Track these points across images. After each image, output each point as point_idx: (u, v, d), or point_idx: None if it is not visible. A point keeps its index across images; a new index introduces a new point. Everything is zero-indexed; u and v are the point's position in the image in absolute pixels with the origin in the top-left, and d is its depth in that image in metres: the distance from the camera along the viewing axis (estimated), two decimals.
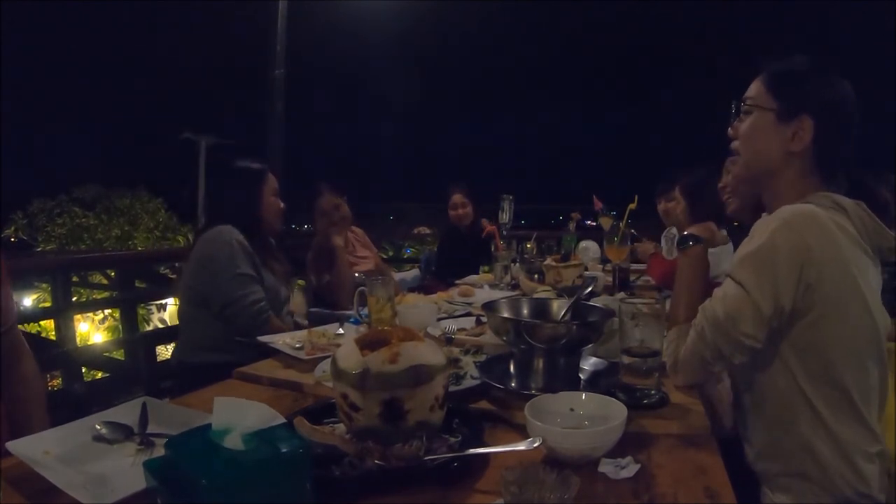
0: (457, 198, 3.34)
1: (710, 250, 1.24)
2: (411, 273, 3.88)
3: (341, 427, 0.82)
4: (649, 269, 2.47)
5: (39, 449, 0.82)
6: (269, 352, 1.37)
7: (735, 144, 1.11)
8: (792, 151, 1.03)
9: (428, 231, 5.71)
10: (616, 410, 0.84)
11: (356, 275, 2.27)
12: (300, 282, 2.64)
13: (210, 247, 1.75)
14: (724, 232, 2.10)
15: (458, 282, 2.41)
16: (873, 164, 1.35)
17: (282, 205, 1.94)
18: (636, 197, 2.10)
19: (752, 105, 1.07)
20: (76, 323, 3.50)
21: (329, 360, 0.90)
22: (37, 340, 4.35)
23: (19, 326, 1.25)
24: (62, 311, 3.29)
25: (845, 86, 1.04)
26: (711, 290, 1.04)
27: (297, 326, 1.87)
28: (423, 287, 2.73)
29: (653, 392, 1.00)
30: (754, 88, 1.08)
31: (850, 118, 1.04)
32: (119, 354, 3.78)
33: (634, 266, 2.55)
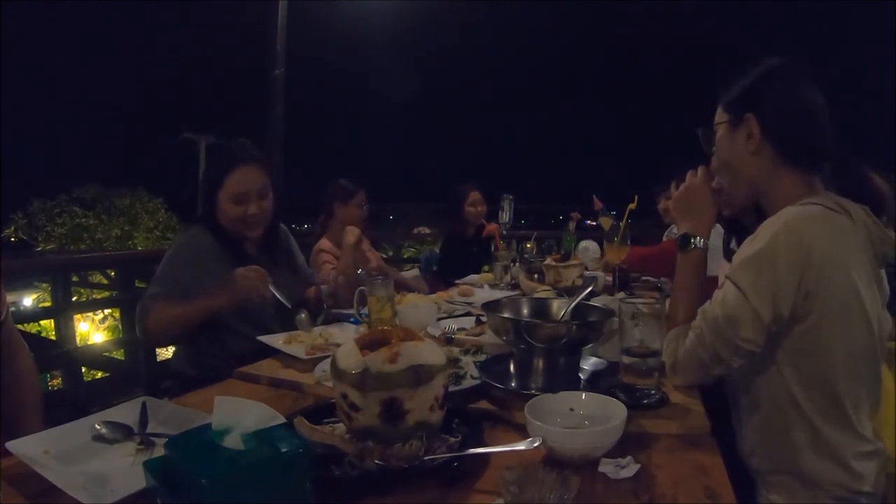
0: (475, 195, 3.33)
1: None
2: (411, 273, 3.88)
3: (341, 427, 0.82)
4: (629, 259, 2.41)
5: (39, 448, 0.82)
6: (269, 352, 1.37)
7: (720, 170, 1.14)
8: (752, 152, 1.04)
9: (428, 231, 5.71)
10: (616, 410, 0.84)
11: (359, 271, 2.27)
12: None
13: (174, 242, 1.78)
14: (721, 229, 2.07)
15: (457, 281, 2.41)
16: (873, 163, 1.35)
17: (250, 212, 1.68)
18: (636, 197, 2.09)
19: (715, 125, 1.11)
20: (76, 323, 3.50)
21: (329, 360, 0.90)
22: (37, 340, 4.36)
23: (18, 326, 1.24)
24: (62, 311, 3.30)
25: (785, 72, 1.04)
26: (709, 289, 1.04)
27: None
28: None
29: (653, 392, 1.00)
30: (717, 112, 1.12)
31: (795, 101, 1.03)
32: (119, 354, 3.79)
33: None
